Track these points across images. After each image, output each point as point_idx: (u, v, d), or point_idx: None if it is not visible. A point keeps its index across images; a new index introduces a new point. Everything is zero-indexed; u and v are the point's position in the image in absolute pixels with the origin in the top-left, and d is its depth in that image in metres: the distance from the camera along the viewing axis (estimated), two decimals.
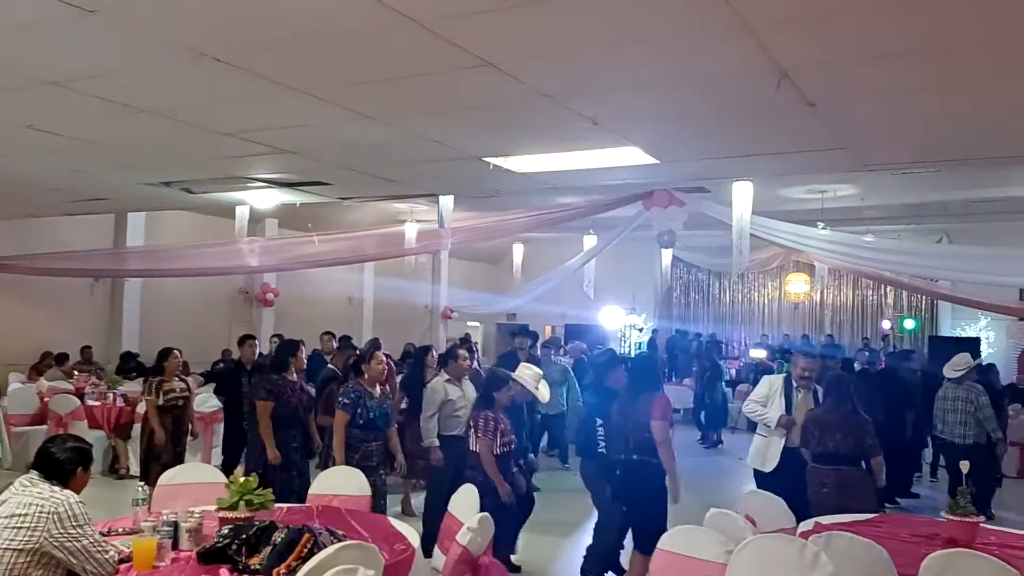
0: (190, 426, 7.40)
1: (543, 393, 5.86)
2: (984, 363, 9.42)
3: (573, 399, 9.38)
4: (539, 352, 9.90)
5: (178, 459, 6.79)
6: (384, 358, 6.16)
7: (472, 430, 5.35)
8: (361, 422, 5.56)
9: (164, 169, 7.32)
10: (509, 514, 5.34)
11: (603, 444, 5.68)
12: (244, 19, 3.62)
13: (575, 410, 9.09)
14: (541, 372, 6.01)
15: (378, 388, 5.83)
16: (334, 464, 5.47)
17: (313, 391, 7.11)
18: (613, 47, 3.84)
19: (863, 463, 5.30)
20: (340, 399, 5.66)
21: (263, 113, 5.21)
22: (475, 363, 7.84)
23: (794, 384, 6.20)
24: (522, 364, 6.25)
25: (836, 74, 4.17)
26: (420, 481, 7.30)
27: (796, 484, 5.44)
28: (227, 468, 6.53)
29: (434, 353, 8.22)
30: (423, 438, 6.19)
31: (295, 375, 6.28)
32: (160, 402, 7.01)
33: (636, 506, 5.29)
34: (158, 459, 6.86)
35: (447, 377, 6.32)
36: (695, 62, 4.04)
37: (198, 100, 4.97)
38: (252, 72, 4.33)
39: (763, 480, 6.03)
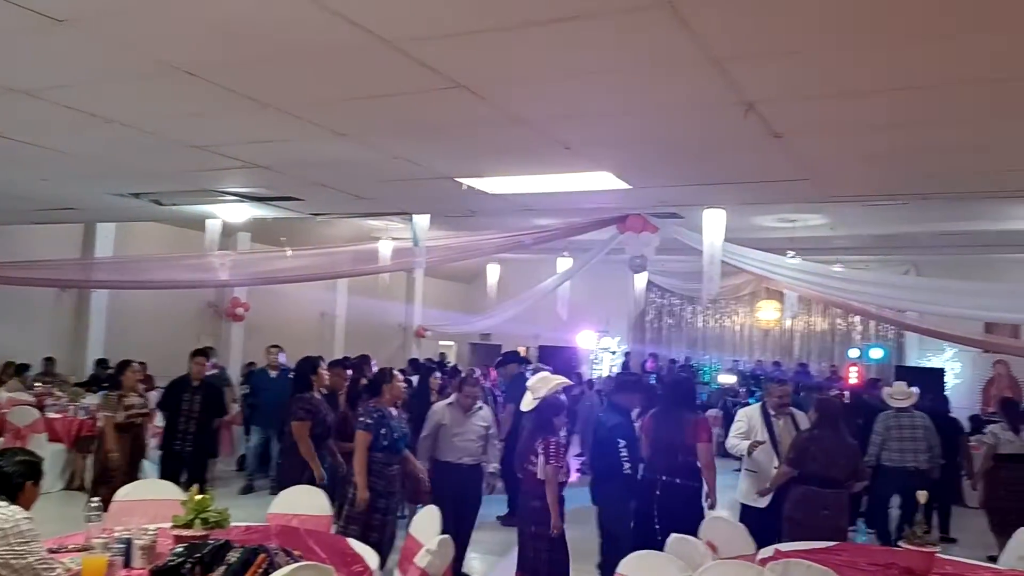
0: (145, 447, 6.83)
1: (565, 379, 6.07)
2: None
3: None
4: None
5: (133, 481, 6.19)
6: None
7: (540, 456, 5.17)
8: (385, 444, 5.34)
9: (133, 180, 7.26)
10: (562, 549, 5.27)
11: (628, 465, 5.62)
12: (217, 35, 3.61)
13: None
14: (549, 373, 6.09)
15: (394, 409, 5.63)
16: (354, 491, 5.23)
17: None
18: (584, 75, 3.88)
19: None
20: (361, 419, 5.41)
21: (235, 128, 5.20)
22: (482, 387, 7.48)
23: (771, 412, 6.23)
24: (539, 376, 6.25)
25: (801, 107, 4.24)
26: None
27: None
28: None
29: (437, 376, 8.15)
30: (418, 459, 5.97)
31: (318, 393, 6.05)
32: (120, 419, 6.51)
33: (674, 528, 5.25)
34: (110, 482, 6.28)
35: (450, 401, 6.16)
36: (664, 92, 4.09)
37: (169, 112, 4.95)
38: (224, 87, 4.32)
39: (756, 516, 5.94)
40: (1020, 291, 9.55)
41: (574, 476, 8.35)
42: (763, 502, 5.98)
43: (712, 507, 5.55)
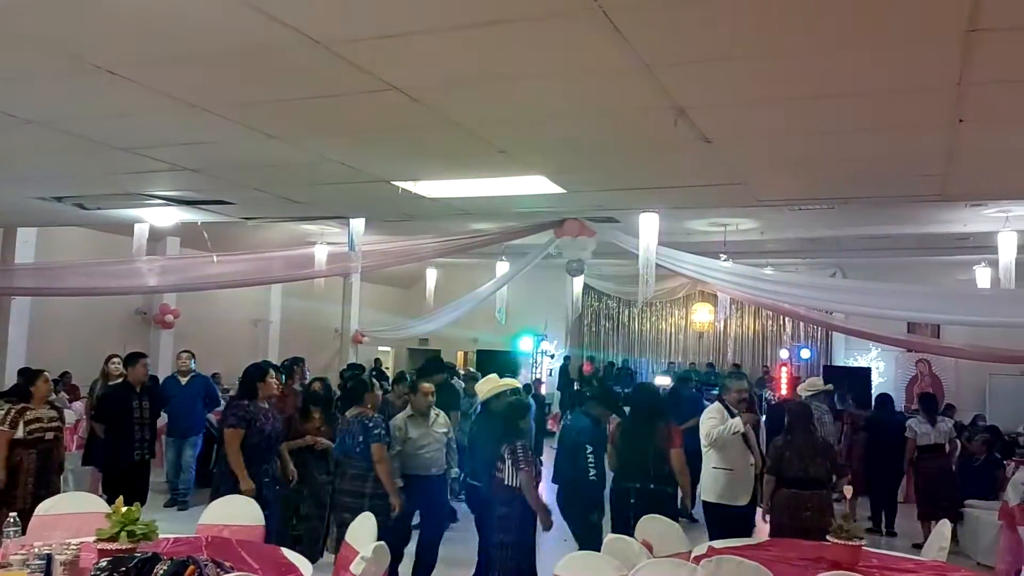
0: (62, 463, 6.30)
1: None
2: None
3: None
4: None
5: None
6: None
7: (509, 463, 5.15)
8: (392, 454, 5.29)
9: (55, 183, 7.00)
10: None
11: (593, 472, 5.64)
12: (139, 33, 3.51)
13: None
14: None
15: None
16: (387, 506, 5.07)
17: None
18: (516, 79, 3.90)
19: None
20: (375, 431, 5.28)
21: (161, 129, 5.05)
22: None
23: (733, 410, 6.26)
24: (486, 378, 6.23)
25: (730, 114, 4.34)
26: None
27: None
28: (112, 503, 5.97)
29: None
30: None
31: (265, 402, 5.76)
32: (20, 434, 5.93)
33: None
34: (11, 503, 5.76)
35: (410, 413, 5.94)
36: (596, 97, 4.13)
37: (91, 113, 4.78)
38: (149, 87, 4.20)
39: (737, 514, 5.96)
40: (939, 292, 9.98)
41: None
42: (743, 500, 6.03)
43: (688, 510, 5.59)
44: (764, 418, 10.93)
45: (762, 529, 6.13)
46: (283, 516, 5.88)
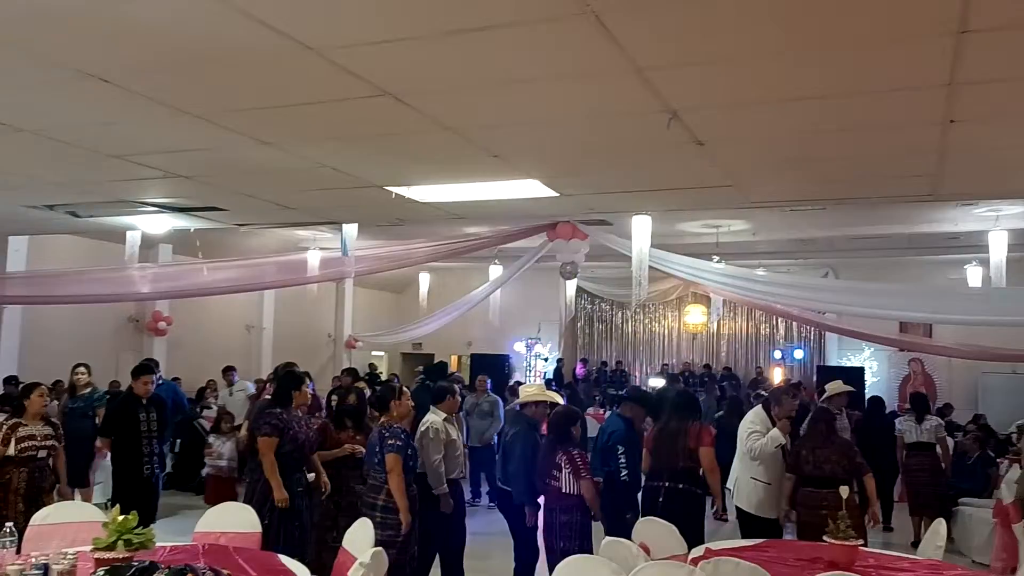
0: (57, 483, 5.90)
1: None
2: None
3: (496, 433, 9.15)
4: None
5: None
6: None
7: (565, 471, 5.19)
8: (411, 464, 5.09)
9: (47, 191, 6.98)
10: None
11: (625, 472, 5.66)
12: (134, 41, 3.51)
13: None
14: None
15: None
16: (397, 517, 4.95)
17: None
18: (509, 84, 3.91)
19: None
20: (390, 441, 5.08)
21: (153, 136, 5.04)
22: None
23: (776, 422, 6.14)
24: (528, 384, 6.15)
25: (722, 116, 4.35)
26: None
27: None
28: None
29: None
30: (433, 484, 5.53)
31: (299, 410, 5.59)
32: (11, 451, 5.56)
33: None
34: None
35: (444, 415, 5.78)
36: (589, 100, 4.14)
37: (83, 121, 4.77)
38: (141, 94, 4.19)
39: (768, 522, 5.89)
40: (931, 292, 10.03)
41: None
42: (775, 513, 5.96)
43: (717, 512, 5.60)
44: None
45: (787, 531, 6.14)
46: (322, 527, 5.77)
